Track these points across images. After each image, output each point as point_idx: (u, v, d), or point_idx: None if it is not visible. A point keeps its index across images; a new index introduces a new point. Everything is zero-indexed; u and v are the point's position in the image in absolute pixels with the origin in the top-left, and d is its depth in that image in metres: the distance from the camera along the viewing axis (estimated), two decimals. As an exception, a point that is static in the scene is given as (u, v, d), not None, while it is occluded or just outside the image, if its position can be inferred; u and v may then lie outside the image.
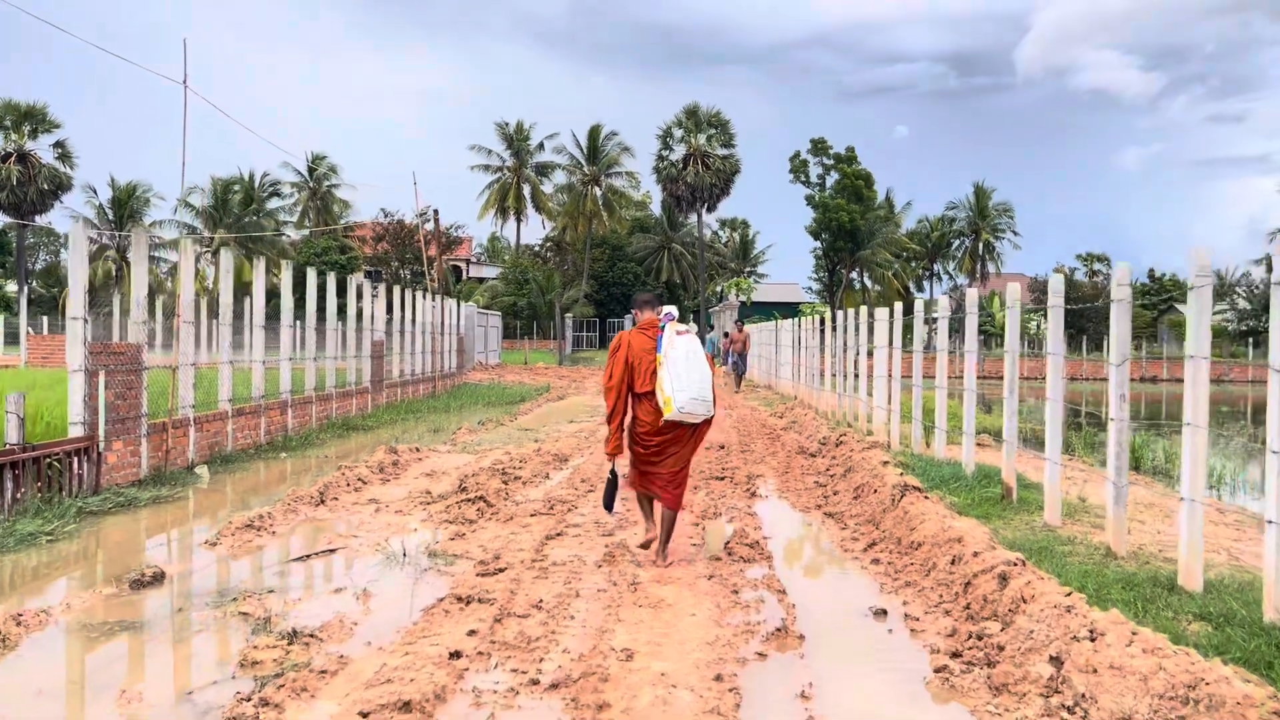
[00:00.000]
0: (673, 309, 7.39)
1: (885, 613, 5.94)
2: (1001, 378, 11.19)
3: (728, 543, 7.71)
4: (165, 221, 73.76)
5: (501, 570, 6.73)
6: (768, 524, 8.76)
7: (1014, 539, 7.42)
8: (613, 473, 7.45)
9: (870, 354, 15.44)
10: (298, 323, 16.60)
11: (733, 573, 6.81)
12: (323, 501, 9.34)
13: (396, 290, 22.52)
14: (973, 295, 10.50)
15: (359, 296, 19.42)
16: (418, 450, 13.00)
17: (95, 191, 72.28)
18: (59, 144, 69.18)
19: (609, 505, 7.49)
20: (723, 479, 11.09)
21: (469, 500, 9.11)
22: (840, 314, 18.00)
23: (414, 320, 24.46)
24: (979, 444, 14.50)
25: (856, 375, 16.66)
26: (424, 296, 25.56)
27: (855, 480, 10.10)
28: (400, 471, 11.48)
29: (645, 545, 7.21)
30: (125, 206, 72.60)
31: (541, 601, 5.97)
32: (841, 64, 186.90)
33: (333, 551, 7.51)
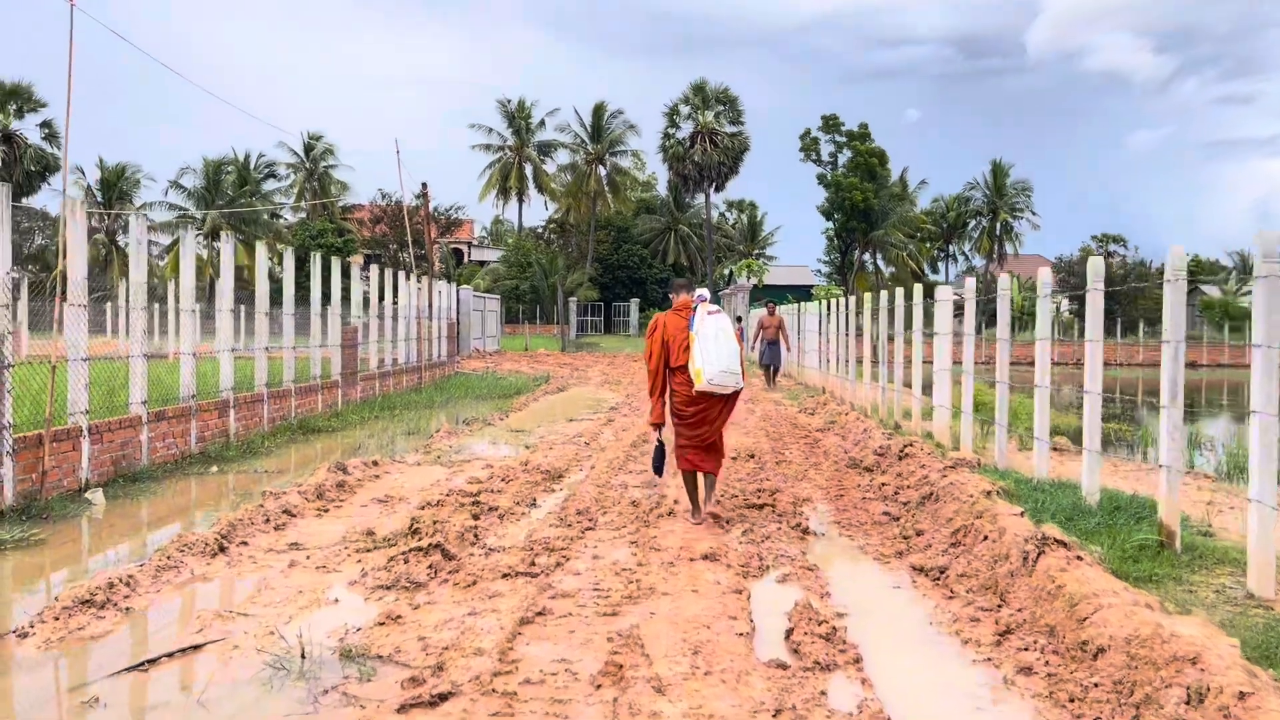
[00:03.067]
0: (705, 291, 7.92)
1: (1095, 804, 3.40)
2: (1030, 363, 8.73)
3: (790, 630, 5.18)
4: (156, 203, 71.37)
5: (442, 698, 4.20)
6: (838, 588, 6.20)
7: (1227, 631, 4.86)
8: (660, 442, 7.99)
9: (929, 339, 12.87)
10: (242, 307, 14.05)
11: (810, 698, 4.27)
12: (223, 549, 6.81)
13: (374, 270, 19.95)
14: (1097, 265, 7.92)
15: (324, 277, 16.87)
16: (375, 464, 10.46)
17: (83, 173, 69.86)
18: (46, 124, 66.63)
19: (658, 470, 8.12)
20: (762, 507, 8.53)
21: (421, 550, 6.57)
22: (884, 295, 15.43)
23: (396, 304, 21.90)
24: (1056, 448, 11.99)
25: (909, 363, 14.09)
26: (408, 278, 23.00)
27: (944, 514, 7.53)
28: (346, 497, 8.94)
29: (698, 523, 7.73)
30: (114, 188, 70.24)
31: (497, 784, 3.44)
32: (849, 47, 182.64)
33: (198, 649, 4.98)
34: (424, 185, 29.13)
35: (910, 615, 5.71)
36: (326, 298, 17.32)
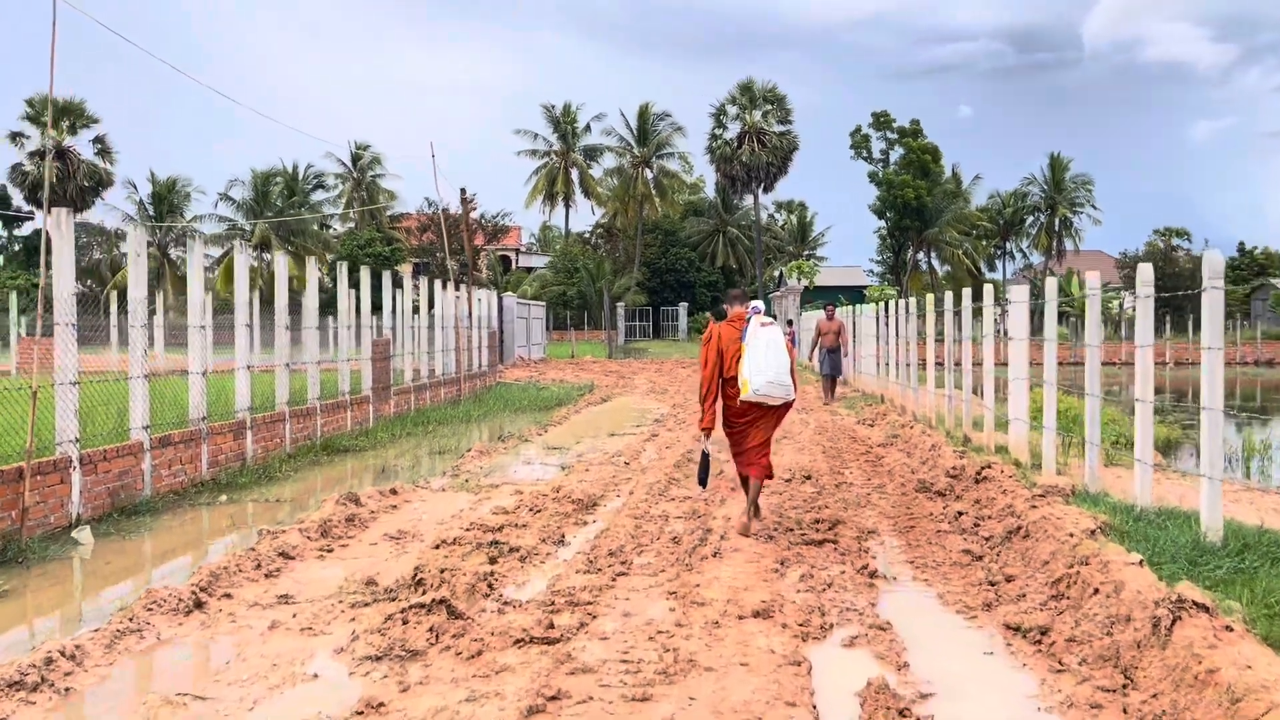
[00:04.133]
0: (759, 303, 8.02)
1: None
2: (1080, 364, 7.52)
3: (864, 724, 4.13)
4: (206, 216, 71.92)
5: (412, 839, 3.22)
6: (918, 654, 5.12)
7: None
8: (705, 453, 8.20)
9: (1005, 340, 11.69)
10: (281, 321, 13.29)
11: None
12: (199, 605, 5.92)
13: (407, 279, 19.14)
14: (1214, 261, 6.73)
15: (360, 288, 16.10)
16: (394, 493, 9.55)
17: (135, 187, 70.61)
18: (98, 139, 67.40)
19: (703, 481, 8.42)
20: (822, 543, 7.46)
21: (423, 607, 5.61)
22: (949, 295, 14.24)
23: (433, 313, 21.11)
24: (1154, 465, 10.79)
25: (979, 365, 12.90)
26: (444, 287, 22.21)
27: (1038, 555, 6.41)
28: (355, 534, 8.02)
29: (743, 530, 7.74)
30: (165, 201, 70.81)
31: None
32: (896, 44, 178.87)
33: (131, 751, 4.06)
34: (463, 191, 28.39)
35: (1012, 695, 4.62)
36: (376, 308, 16.57)
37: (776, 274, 72.46)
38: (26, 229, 76.31)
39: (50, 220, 8.44)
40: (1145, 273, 7.84)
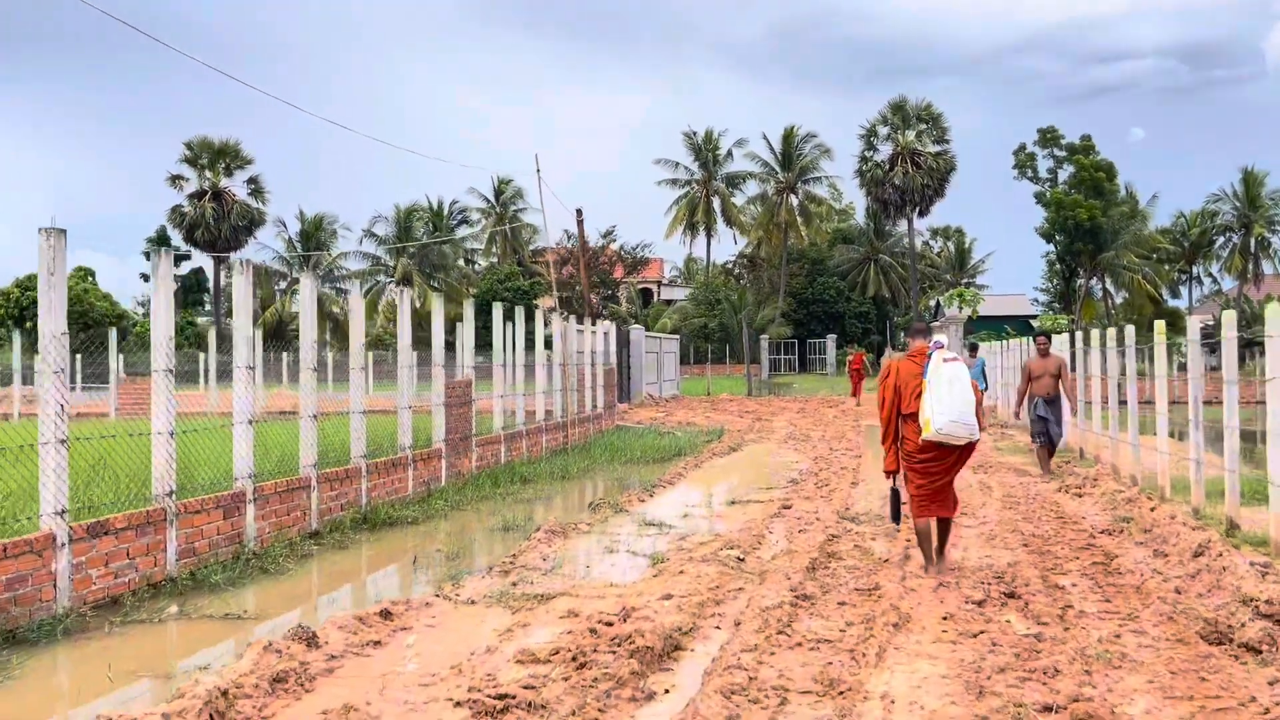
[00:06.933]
0: (942, 338, 7.71)
1: None
2: None
3: None
4: (350, 253, 72.62)
5: None
6: None
7: None
8: (894, 489, 8.00)
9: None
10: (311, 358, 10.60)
11: None
12: None
13: (497, 310, 16.37)
14: None
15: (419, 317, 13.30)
16: (385, 616, 6.45)
17: (285, 225, 71.92)
18: (252, 180, 68.69)
19: (895, 518, 8.11)
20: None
21: None
22: (1193, 323, 10.36)
23: (531, 349, 18.28)
24: None
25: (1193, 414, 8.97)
26: (546, 320, 19.38)
27: None
28: (278, 708, 4.94)
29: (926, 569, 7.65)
30: (312, 239, 71.80)
31: None
32: (1059, 66, 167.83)
33: None
34: (579, 211, 25.78)
35: None
36: (419, 342, 13.83)
37: (933, 303, 67.45)
38: (184, 268, 78.72)
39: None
40: None
